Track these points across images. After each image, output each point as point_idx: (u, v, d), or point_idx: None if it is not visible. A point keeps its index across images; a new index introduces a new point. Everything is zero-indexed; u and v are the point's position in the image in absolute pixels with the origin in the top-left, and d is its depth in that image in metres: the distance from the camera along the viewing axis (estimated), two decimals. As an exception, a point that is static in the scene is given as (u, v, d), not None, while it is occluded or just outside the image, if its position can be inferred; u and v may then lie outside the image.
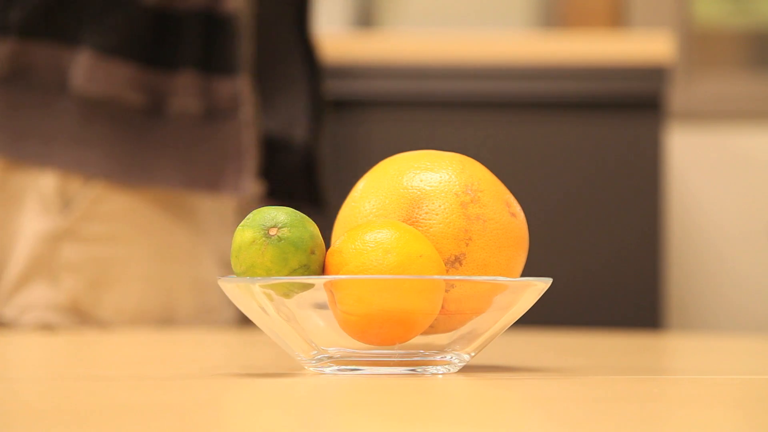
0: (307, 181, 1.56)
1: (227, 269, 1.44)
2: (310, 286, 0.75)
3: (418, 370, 0.78)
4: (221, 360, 1.03)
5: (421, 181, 0.80)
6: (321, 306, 0.76)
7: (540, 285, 0.78)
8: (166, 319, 1.42)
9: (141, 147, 1.38)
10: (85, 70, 1.36)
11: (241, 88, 1.40)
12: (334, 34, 1.97)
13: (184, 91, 1.38)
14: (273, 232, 0.75)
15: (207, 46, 1.39)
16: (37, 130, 1.38)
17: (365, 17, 2.32)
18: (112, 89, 1.37)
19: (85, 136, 1.37)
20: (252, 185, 1.41)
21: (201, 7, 1.40)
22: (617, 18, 2.23)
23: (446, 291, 0.76)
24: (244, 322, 1.44)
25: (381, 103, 1.81)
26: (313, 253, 0.76)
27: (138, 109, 1.38)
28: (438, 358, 0.78)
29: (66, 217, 1.38)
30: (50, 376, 0.84)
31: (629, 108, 1.81)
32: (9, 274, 1.39)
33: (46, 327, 1.38)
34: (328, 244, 0.78)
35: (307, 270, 0.75)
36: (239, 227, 0.76)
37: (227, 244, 1.43)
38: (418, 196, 0.79)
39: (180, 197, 1.42)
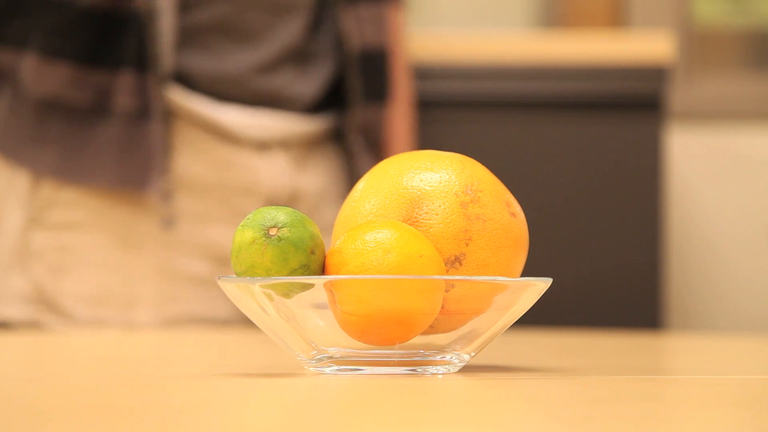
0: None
1: (200, 259, 1.44)
2: (310, 286, 0.75)
3: (418, 370, 0.78)
4: (221, 360, 1.03)
5: (421, 181, 0.80)
6: (321, 306, 0.75)
7: (540, 285, 0.78)
8: (126, 306, 1.43)
9: (86, 145, 1.42)
10: (31, 72, 1.42)
11: (150, 85, 1.41)
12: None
13: (124, 90, 1.41)
14: (273, 232, 0.75)
15: (141, 45, 1.41)
16: (11, 130, 1.44)
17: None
18: (56, 89, 1.42)
19: (39, 135, 1.43)
20: (159, 183, 1.42)
21: (138, 6, 1.41)
22: (617, 18, 2.23)
23: (446, 291, 0.76)
24: (229, 318, 1.45)
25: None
26: (313, 253, 0.76)
27: (85, 108, 1.41)
28: (438, 358, 0.78)
29: (31, 206, 1.41)
30: (49, 376, 0.84)
31: (629, 108, 1.81)
32: None
33: (21, 322, 1.41)
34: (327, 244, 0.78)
35: (307, 270, 0.75)
36: (239, 227, 0.76)
37: (201, 233, 1.44)
38: (418, 196, 0.79)
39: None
